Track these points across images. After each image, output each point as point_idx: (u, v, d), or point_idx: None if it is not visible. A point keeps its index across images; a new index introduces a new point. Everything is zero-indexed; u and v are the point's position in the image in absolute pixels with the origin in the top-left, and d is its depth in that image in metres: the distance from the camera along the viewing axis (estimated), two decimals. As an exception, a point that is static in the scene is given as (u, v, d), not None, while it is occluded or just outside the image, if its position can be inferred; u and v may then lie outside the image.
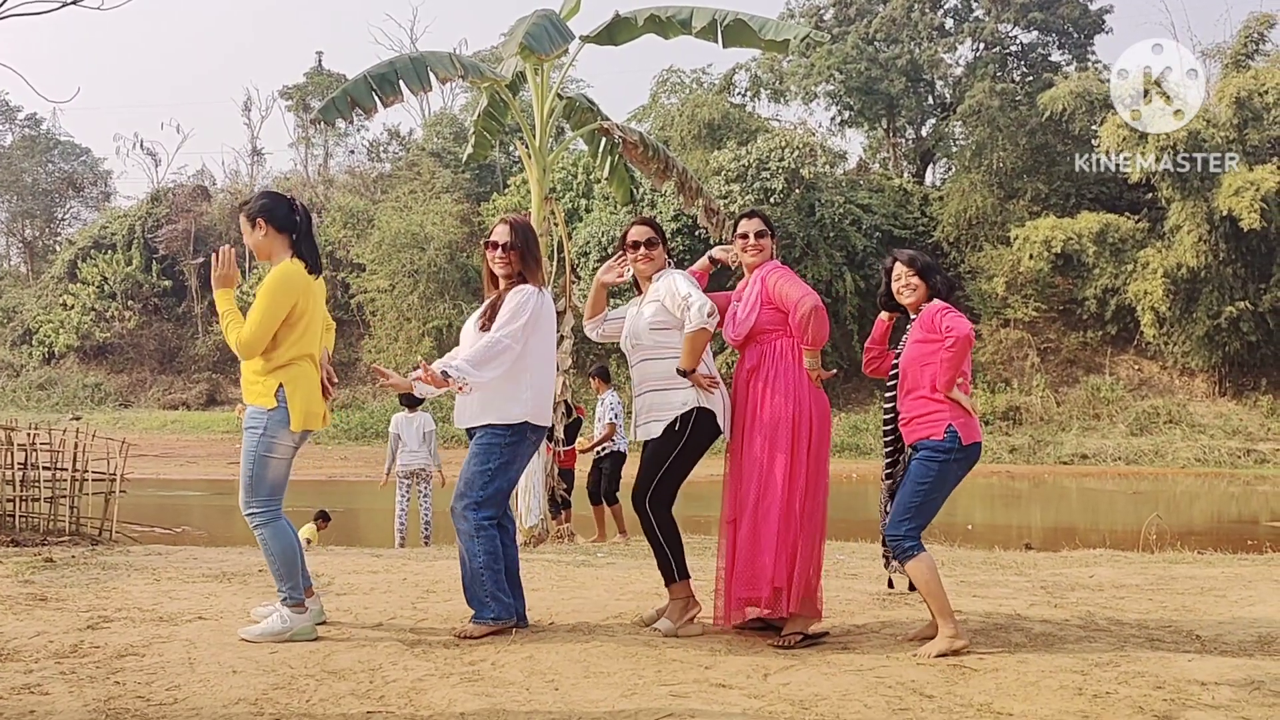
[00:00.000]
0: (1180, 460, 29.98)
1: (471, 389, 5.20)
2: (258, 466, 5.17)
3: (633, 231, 5.67)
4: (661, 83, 45.19)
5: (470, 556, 5.26)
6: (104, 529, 10.73)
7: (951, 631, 4.97)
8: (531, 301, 5.31)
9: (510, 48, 10.09)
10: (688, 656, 4.86)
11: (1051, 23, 41.32)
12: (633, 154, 11.75)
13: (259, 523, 5.19)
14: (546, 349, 5.45)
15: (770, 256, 5.66)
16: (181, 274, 48.67)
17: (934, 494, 5.14)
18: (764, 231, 5.63)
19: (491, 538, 5.27)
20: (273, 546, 5.19)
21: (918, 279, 5.34)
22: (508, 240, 5.39)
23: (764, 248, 5.61)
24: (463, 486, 5.31)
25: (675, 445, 5.38)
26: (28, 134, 58.41)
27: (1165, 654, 4.99)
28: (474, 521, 5.24)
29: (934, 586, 5.05)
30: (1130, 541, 11.79)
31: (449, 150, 47.13)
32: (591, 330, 5.99)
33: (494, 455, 5.27)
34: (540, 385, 5.38)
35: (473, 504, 5.25)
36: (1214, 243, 31.95)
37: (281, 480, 5.26)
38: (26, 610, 5.66)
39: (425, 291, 40.66)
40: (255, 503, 5.19)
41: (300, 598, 5.20)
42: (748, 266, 5.64)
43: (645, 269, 5.63)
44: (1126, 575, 7.49)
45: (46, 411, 39.76)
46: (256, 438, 5.17)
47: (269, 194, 5.42)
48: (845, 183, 39.71)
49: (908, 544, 5.09)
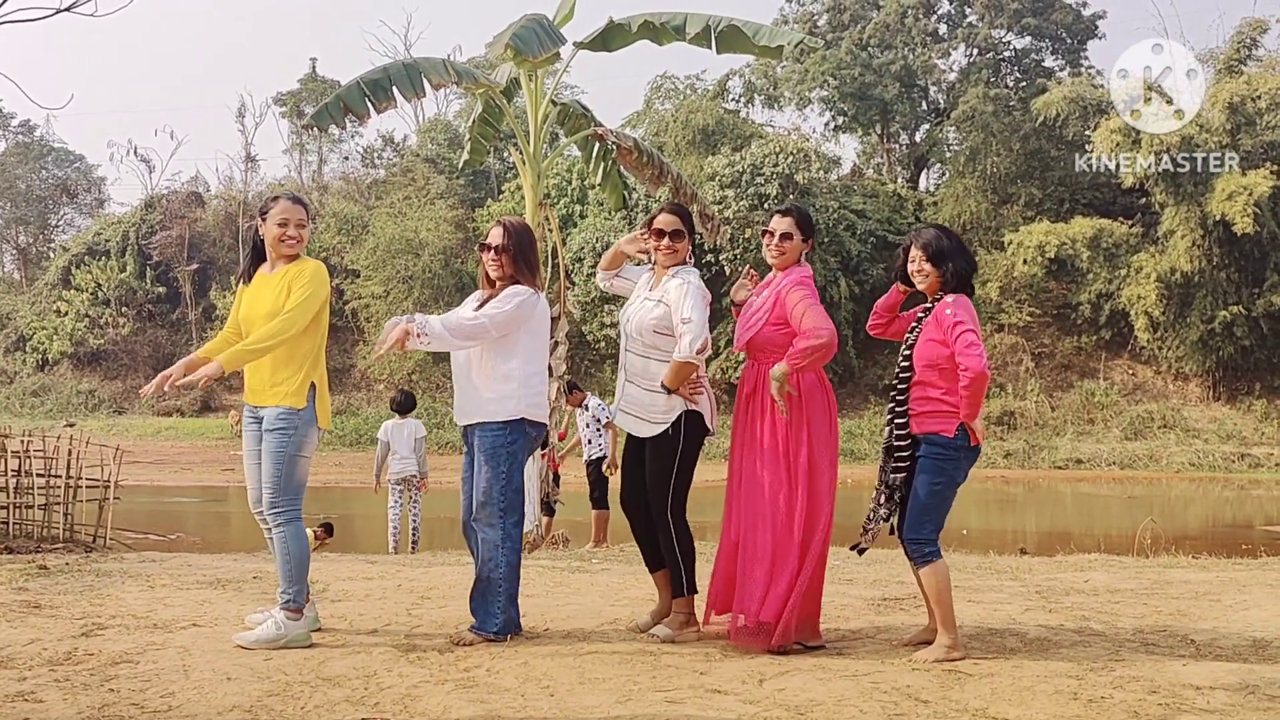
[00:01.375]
0: (1175, 465, 29.98)
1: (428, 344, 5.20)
2: (288, 466, 5.22)
3: (660, 219, 5.57)
4: (655, 89, 45.17)
5: (493, 567, 5.25)
6: (98, 536, 10.73)
7: (950, 641, 4.98)
8: (527, 301, 5.32)
9: (497, 49, 10.06)
10: (683, 662, 4.86)
11: (1045, 28, 41.36)
12: (627, 160, 11.75)
13: (282, 522, 5.23)
14: (538, 348, 5.45)
15: (797, 261, 5.47)
16: (176, 280, 48.54)
17: (948, 492, 5.11)
18: (789, 234, 5.42)
19: (517, 550, 5.29)
20: (292, 547, 5.23)
21: (930, 265, 5.18)
22: (500, 243, 5.41)
23: (786, 250, 5.42)
24: (482, 496, 5.29)
25: (675, 452, 5.40)
26: (21, 141, 58.26)
27: (1160, 659, 4.99)
28: (502, 529, 5.24)
29: (944, 595, 5.05)
30: (1125, 546, 11.80)
31: (443, 156, 47.09)
32: (603, 280, 5.98)
33: (501, 457, 5.28)
34: (532, 383, 5.39)
35: (499, 511, 5.25)
36: (1207, 247, 31.97)
37: (305, 479, 5.38)
38: (20, 617, 5.65)
39: (420, 297, 40.58)
40: (282, 502, 5.25)
41: (301, 603, 5.23)
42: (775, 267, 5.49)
43: (665, 260, 5.57)
44: (1121, 580, 7.50)
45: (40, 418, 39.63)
46: (288, 438, 5.20)
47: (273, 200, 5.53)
48: (839, 188, 39.68)
49: (928, 548, 5.07)
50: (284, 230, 5.31)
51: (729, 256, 33.90)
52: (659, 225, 5.56)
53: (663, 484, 5.42)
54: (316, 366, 5.33)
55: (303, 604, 5.24)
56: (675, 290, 5.42)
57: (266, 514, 5.26)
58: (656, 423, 5.40)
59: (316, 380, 5.30)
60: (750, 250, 34.28)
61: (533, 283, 5.43)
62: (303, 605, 5.24)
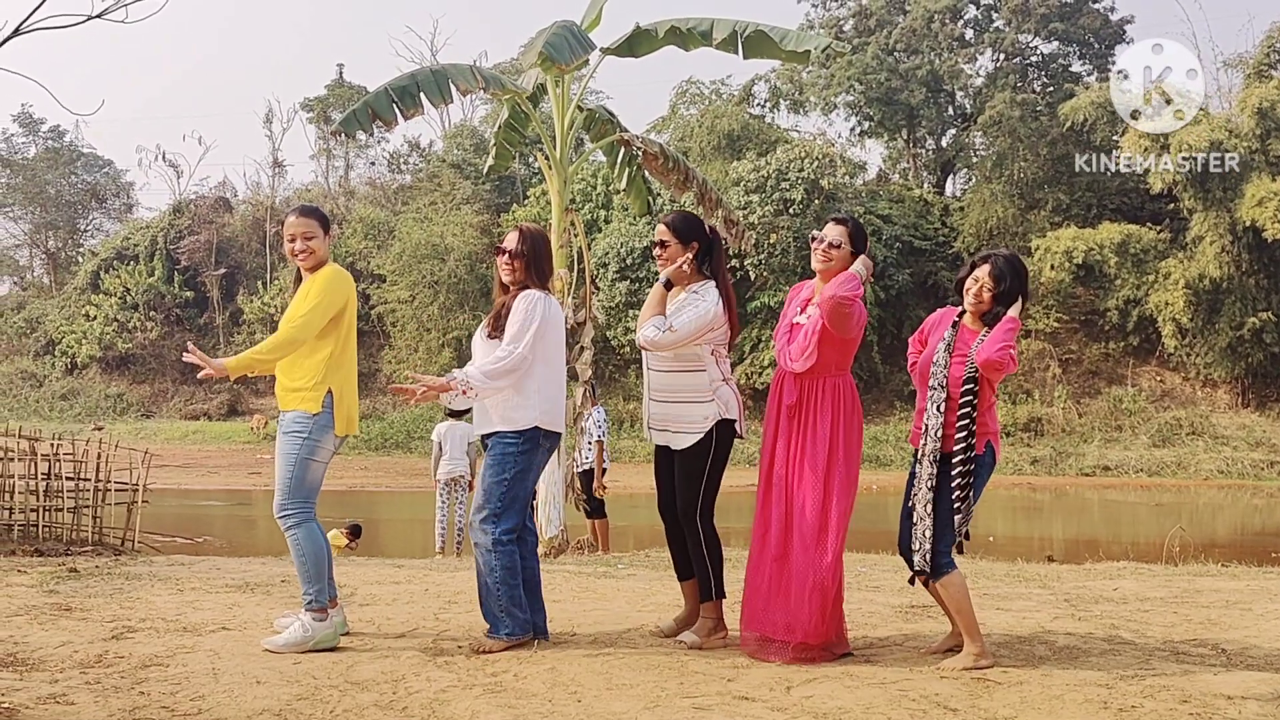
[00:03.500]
0: (1203, 472, 29.77)
1: (478, 395, 5.21)
2: (299, 469, 5.25)
3: (656, 231, 5.57)
4: (680, 94, 45.14)
5: (487, 571, 5.25)
6: (126, 539, 10.79)
7: (978, 649, 4.96)
8: (539, 307, 5.31)
9: (530, 57, 10.11)
10: (710, 669, 4.85)
11: (1072, 33, 41.15)
12: (653, 165, 11.77)
13: (293, 524, 5.26)
14: (553, 354, 5.43)
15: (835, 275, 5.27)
16: (203, 285, 48.85)
17: (972, 505, 5.09)
18: (838, 243, 5.25)
19: (510, 553, 5.26)
20: (305, 547, 5.26)
21: (989, 294, 5.08)
22: (514, 248, 5.42)
23: (833, 258, 5.26)
24: (481, 499, 5.31)
25: (706, 458, 5.41)
26: (51, 146, 58.65)
27: (1190, 668, 4.95)
28: (493, 535, 5.23)
29: (964, 604, 5.03)
30: (1153, 554, 11.72)
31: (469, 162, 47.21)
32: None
33: (508, 464, 5.27)
34: (547, 390, 5.37)
35: (491, 516, 5.24)
36: (1236, 253, 31.77)
37: (318, 484, 5.37)
38: (51, 620, 5.70)
39: (445, 302, 40.73)
40: (291, 505, 5.28)
41: (324, 602, 5.25)
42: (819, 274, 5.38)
43: (665, 268, 5.51)
44: (1150, 588, 7.45)
45: (69, 422, 39.92)
46: (300, 441, 5.24)
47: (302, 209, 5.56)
48: (865, 193, 39.61)
49: (943, 560, 5.04)
50: (293, 245, 5.40)
51: (754, 262, 33.87)
52: (654, 237, 5.59)
53: (693, 488, 5.43)
54: (336, 372, 5.33)
55: (325, 603, 5.26)
56: (681, 300, 5.44)
57: (276, 517, 5.29)
58: (692, 432, 5.40)
59: (335, 386, 5.30)
60: (775, 255, 34.25)
61: (542, 289, 5.43)
62: (326, 604, 5.26)
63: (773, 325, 34.93)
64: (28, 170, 57.44)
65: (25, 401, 45.94)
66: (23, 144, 58.83)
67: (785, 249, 34.37)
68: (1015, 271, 5.14)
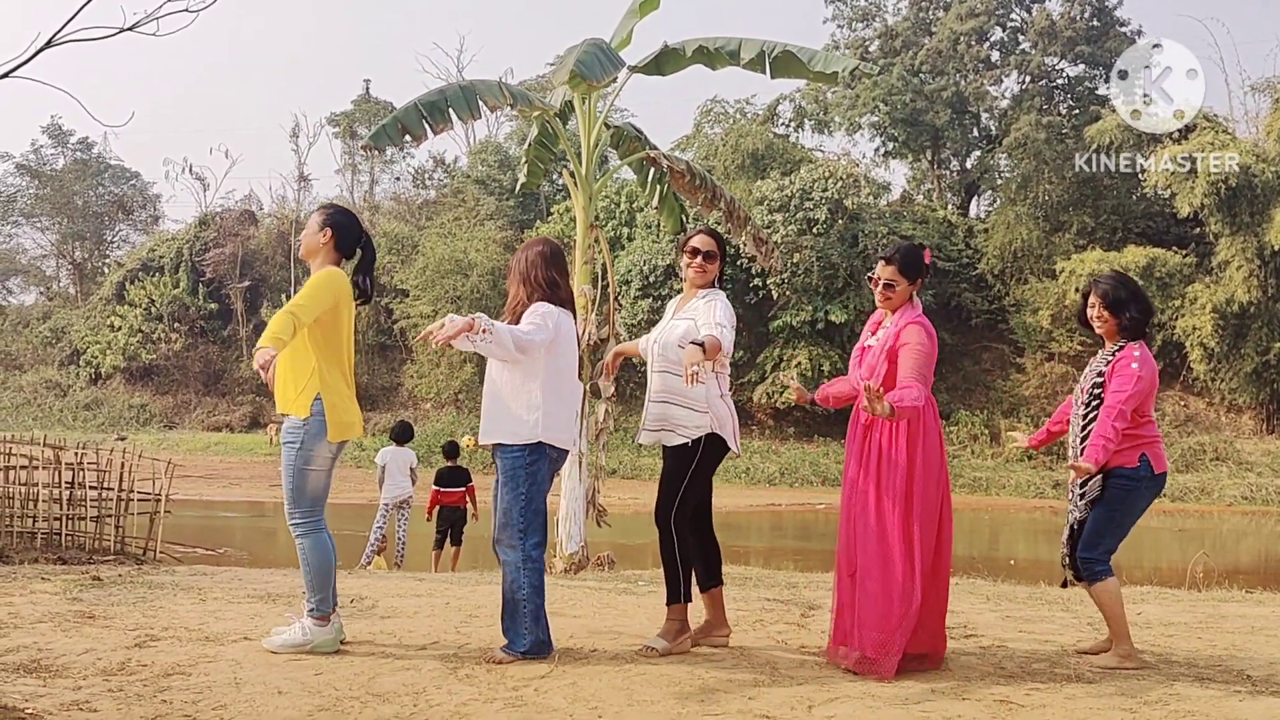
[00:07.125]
0: (1227, 498, 29.56)
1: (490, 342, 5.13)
2: (298, 479, 5.28)
3: (696, 239, 5.74)
4: (705, 112, 45.21)
5: (515, 588, 5.25)
6: (148, 549, 10.85)
7: (1126, 651, 5.33)
8: (550, 314, 5.34)
9: (561, 75, 10.15)
10: (732, 687, 4.84)
11: (1099, 56, 41.08)
12: (680, 183, 11.78)
13: (300, 533, 5.32)
14: (561, 367, 5.43)
15: (908, 300, 5.42)
16: (227, 297, 49.12)
17: (1126, 519, 5.44)
18: (892, 282, 5.35)
19: (539, 569, 5.28)
20: (310, 558, 5.30)
21: (1108, 312, 5.54)
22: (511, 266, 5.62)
23: (892, 296, 5.38)
24: (502, 517, 5.31)
25: (689, 465, 5.52)
26: (79, 158, 59.21)
27: (1215, 694, 4.91)
28: (523, 550, 5.23)
29: (1116, 608, 5.39)
30: (1177, 579, 11.62)
31: (493, 178, 47.43)
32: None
33: (520, 479, 5.29)
34: (553, 404, 5.35)
35: (519, 531, 5.25)
36: (1264, 278, 31.62)
37: (322, 491, 5.37)
38: (75, 628, 5.72)
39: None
40: (297, 514, 5.34)
41: (327, 610, 5.31)
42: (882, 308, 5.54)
43: (696, 279, 5.69)
44: (1174, 613, 7.39)
45: (93, 431, 40.14)
46: (295, 450, 5.27)
47: (349, 214, 5.62)
48: (889, 214, 39.59)
49: (1099, 567, 5.38)
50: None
51: (776, 281, 33.85)
52: (695, 244, 5.72)
53: (673, 489, 5.55)
54: (325, 378, 5.29)
55: (328, 611, 5.31)
56: (704, 306, 5.56)
57: (288, 525, 5.35)
58: (682, 435, 5.50)
59: (324, 392, 5.27)
60: (798, 275, 34.22)
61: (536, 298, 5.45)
62: (328, 613, 5.31)
63: (795, 345, 35.12)
64: (56, 181, 58.00)
65: (50, 411, 46.25)
66: (51, 155, 59.50)
67: (809, 269, 34.36)
68: (1120, 283, 5.65)
